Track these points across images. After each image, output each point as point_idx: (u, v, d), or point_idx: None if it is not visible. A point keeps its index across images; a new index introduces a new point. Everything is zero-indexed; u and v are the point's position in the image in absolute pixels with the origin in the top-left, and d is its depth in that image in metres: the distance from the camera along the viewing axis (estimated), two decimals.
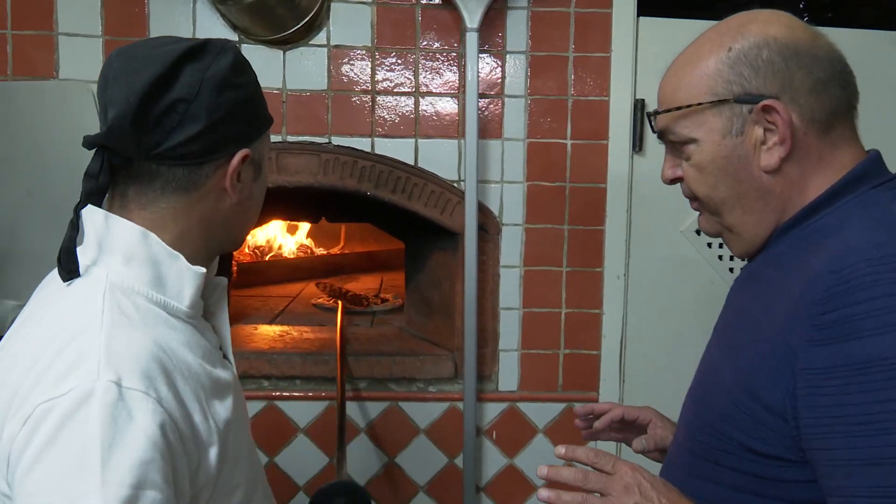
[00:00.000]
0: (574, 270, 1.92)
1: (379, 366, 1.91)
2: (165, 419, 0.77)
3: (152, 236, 0.87)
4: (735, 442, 0.84)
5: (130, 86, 0.82)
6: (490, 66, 1.87)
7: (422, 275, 2.15)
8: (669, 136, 0.94)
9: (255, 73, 0.96)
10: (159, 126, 0.84)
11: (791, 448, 0.79)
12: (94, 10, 1.78)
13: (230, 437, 0.89)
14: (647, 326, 1.92)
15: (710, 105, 0.88)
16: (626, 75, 1.86)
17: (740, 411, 0.83)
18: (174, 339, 0.85)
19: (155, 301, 0.86)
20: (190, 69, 0.85)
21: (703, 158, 0.90)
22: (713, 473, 0.88)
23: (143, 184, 0.88)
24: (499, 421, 1.94)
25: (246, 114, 0.91)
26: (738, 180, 0.89)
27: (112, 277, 0.84)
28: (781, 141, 0.85)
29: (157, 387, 0.78)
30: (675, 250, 1.92)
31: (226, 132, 0.88)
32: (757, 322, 0.85)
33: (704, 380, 0.95)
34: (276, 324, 2.29)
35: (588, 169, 1.89)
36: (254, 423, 1.89)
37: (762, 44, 0.86)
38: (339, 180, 1.86)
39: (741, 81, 0.86)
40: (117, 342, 0.79)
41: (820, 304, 0.75)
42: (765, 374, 0.80)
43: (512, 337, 1.93)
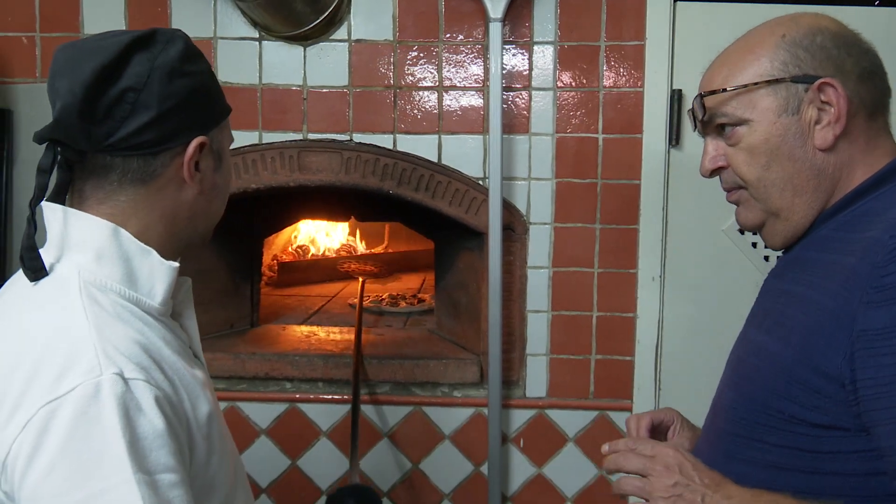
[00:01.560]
0: (606, 272, 1.82)
1: (402, 369, 1.86)
2: (165, 403, 0.79)
3: (123, 232, 0.86)
4: (785, 415, 0.84)
5: (75, 77, 0.80)
6: (517, 57, 1.79)
7: (450, 275, 2.08)
8: (720, 119, 0.94)
9: (207, 62, 0.94)
10: (109, 116, 0.82)
11: (847, 415, 0.78)
12: (118, 11, 1.79)
13: (213, 432, 0.89)
14: (685, 332, 1.81)
15: (766, 84, 0.90)
16: (662, 64, 1.75)
17: (793, 382, 0.82)
18: (152, 334, 0.85)
19: (128, 298, 0.85)
20: (139, 58, 0.84)
21: (756, 139, 0.91)
22: (756, 454, 0.87)
23: (99, 177, 0.86)
24: (527, 428, 1.86)
25: (199, 102, 0.89)
26: (792, 159, 0.90)
27: (84, 275, 0.83)
28: (836, 119, 0.87)
29: (152, 374, 0.80)
30: (716, 250, 1.79)
31: (179, 120, 0.86)
32: (807, 299, 0.85)
33: (746, 362, 0.94)
34: (308, 324, 2.27)
35: (621, 164, 1.79)
36: (276, 426, 1.87)
37: (815, 31, 0.89)
38: (360, 178, 1.82)
39: (797, 62, 0.89)
40: (107, 335, 0.79)
41: (881, 267, 0.76)
42: (821, 343, 0.80)
43: (540, 341, 1.84)
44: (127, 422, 0.74)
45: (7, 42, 1.81)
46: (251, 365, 1.88)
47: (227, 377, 1.87)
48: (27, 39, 1.81)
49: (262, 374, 1.87)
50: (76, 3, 1.79)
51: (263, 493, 1.90)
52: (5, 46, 1.81)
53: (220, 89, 0.96)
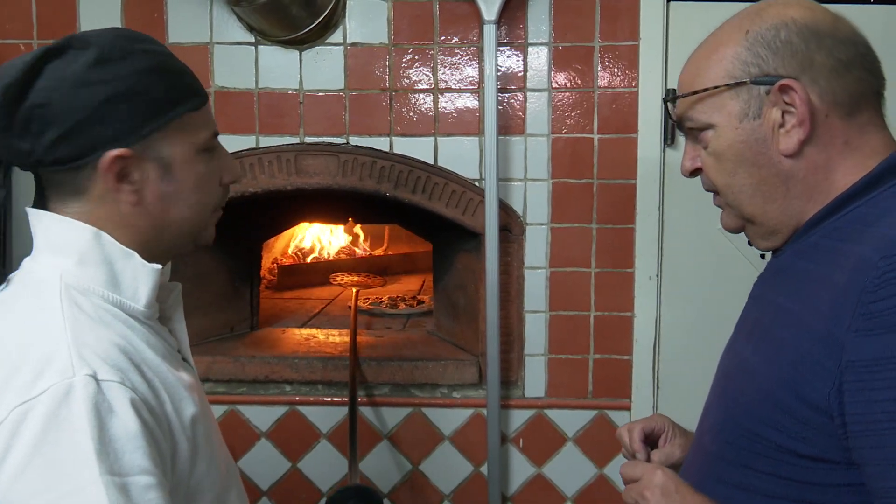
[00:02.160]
0: (603, 271, 1.83)
1: (401, 371, 1.87)
2: (142, 406, 0.78)
3: (105, 236, 0.85)
4: (772, 444, 0.79)
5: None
6: (512, 59, 1.79)
7: (448, 277, 2.09)
8: (688, 123, 0.90)
9: (135, 63, 0.84)
10: (27, 132, 0.81)
11: (835, 448, 0.73)
12: (114, 17, 1.80)
13: (199, 435, 0.88)
14: (683, 330, 1.81)
15: (728, 88, 0.85)
16: (656, 64, 1.76)
17: (779, 410, 0.77)
18: (135, 337, 0.85)
19: (111, 301, 0.85)
20: (49, 70, 0.81)
21: (720, 145, 0.86)
22: (743, 479, 0.83)
23: (54, 189, 0.87)
24: (526, 428, 1.87)
25: (117, 111, 0.82)
26: (757, 166, 0.85)
27: (66, 278, 0.83)
28: (800, 123, 0.81)
29: (129, 376, 0.79)
30: (712, 249, 1.80)
31: (93, 133, 0.82)
32: (794, 316, 0.80)
33: (733, 380, 0.89)
34: (308, 327, 2.28)
35: (617, 164, 1.80)
36: (276, 429, 1.88)
37: (780, 25, 0.83)
38: (358, 181, 1.83)
39: (758, 63, 0.83)
40: (84, 337, 0.79)
41: (871, 292, 0.70)
42: (807, 370, 0.74)
43: (538, 341, 1.85)
44: (98, 422, 0.74)
45: (5, 49, 1.82)
46: (251, 368, 1.89)
47: (227, 380, 1.88)
48: (24, 46, 1.82)
49: (261, 377, 1.88)
50: (73, 10, 1.80)
51: (264, 496, 1.90)
52: (3, 53, 1.82)
53: (165, 88, 0.86)
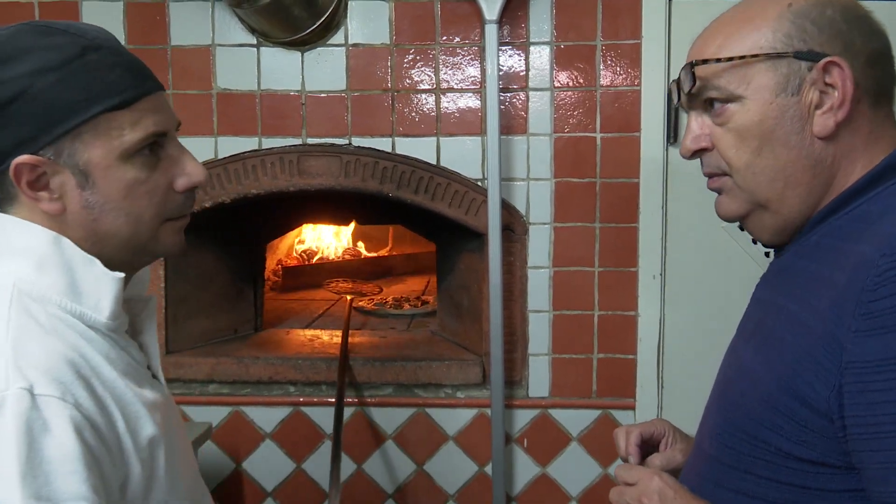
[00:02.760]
0: (607, 270, 1.82)
1: (405, 371, 1.87)
2: (85, 425, 0.72)
3: (65, 240, 0.79)
4: (771, 448, 0.77)
5: None
6: (513, 58, 1.79)
7: (452, 277, 2.09)
8: (710, 93, 0.83)
9: (47, 57, 0.76)
10: None
11: (836, 452, 0.72)
12: (117, 19, 1.80)
13: (157, 458, 0.82)
14: (687, 329, 1.81)
15: (766, 59, 0.79)
16: (659, 62, 1.75)
17: (779, 413, 0.75)
18: (90, 350, 0.78)
19: (70, 311, 0.79)
20: None
21: (747, 119, 0.81)
22: (743, 483, 0.80)
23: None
24: (530, 428, 1.86)
25: (20, 114, 0.76)
26: (787, 146, 0.80)
27: (21, 285, 0.77)
28: (840, 104, 0.77)
29: (73, 391, 0.72)
30: (716, 247, 1.79)
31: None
32: (794, 317, 0.78)
33: (733, 383, 0.87)
34: (312, 328, 2.28)
35: (619, 163, 1.79)
36: (280, 430, 1.88)
37: (825, 3, 0.79)
38: (360, 182, 1.83)
39: (803, 37, 0.78)
40: (27, 348, 0.73)
41: (871, 291, 0.68)
42: (807, 371, 0.72)
43: (542, 341, 1.84)
44: (28, 441, 0.68)
45: None
46: (255, 369, 1.89)
47: (231, 381, 1.89)
48: None
49: (266, 378, 1.88)
50: (75, 13, 1.81)
51: (269, 496, 1.91)
52: None
53: (64, 92, 0.77)
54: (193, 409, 1.88)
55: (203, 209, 1.82)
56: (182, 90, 1.80)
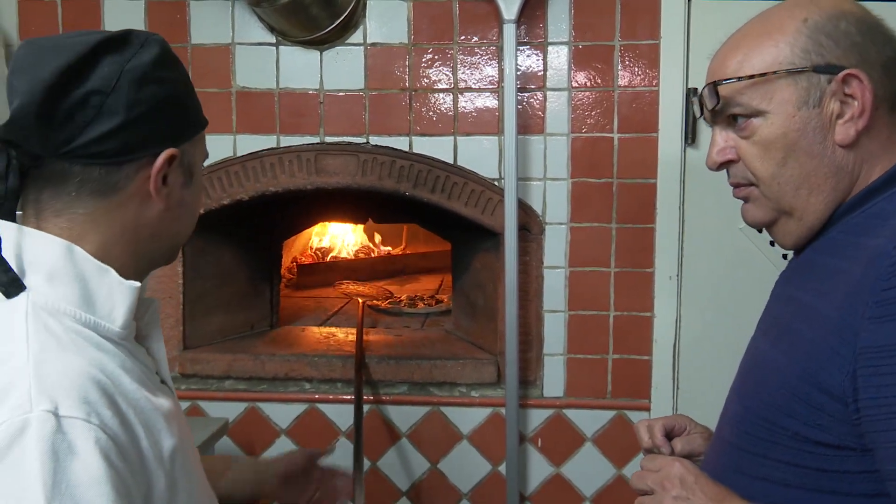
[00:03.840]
0: (623, 271, 1.82)
1: (420, 370, 1.87)
2: (110, 447, 0.70)
3: (78, 250, 0.78)
4: (789, 432, 0.80)
5: (36, 76, 0.74)
6: (531, 58, 1.79)
7: (467, 276, 2.09)
8: (733, 109, 0.86)
9: (184, 70, 0.86)
10: (70, 120, 0.76)
11: (850, 435, 0.75)
12: (138, 18, 1.83)
13: (177, 468, 0.81)
14: (703, 330, 1.80)
15: (786, 74, 0.83)
16: (677, 63, 1.75)
17: (796, 399, 0.79)
18: (109, 363, 0.77)
19: (84, 322, 0.77)
20: (108, 60, 0.77)
21: (771, 132, 0.84)
22: (762, 469, 0.84)
23: (56, 186, 0.79)
24: (544, 428, 1.86)
25: (172, 111, 0.83)
26: (810, 155, 0.83)
27: (34, 298, 0.75)
28: (860, 113, 0.81)
29: (98, 411, 0.71)
30: (733, 249, 1.79)
31: (148, 130, 0.80)
32: (812, 308, 0.81)
33: (752, 373, 0.91)
34: (327, 326, 2.29)
35: (636, 164, 1.79)
36: (295, 426, 1.89)
37: (839, 15, 0.83)
38: (377, 181, 1.83)
39: (820, 50, 0.82)
40: (49, 367, 0.71)
41: (884, 280, 0.72)
42: (823, 358, 0.76)
43: (557, 341, 1.85)
44: (54, 465, 0.66)
45: None
46: (271, 366, 1.90)
47: (247, 378, 1.90)
48: None
49: (281, 375, 1.89)
50: (97, 11, 1.83)
51: None
52: None
53: (196, 100, 0.88)
54: (210, 405, 1.89)
55: (221, 206, 1.83)
56: (202, 88, 1.81)
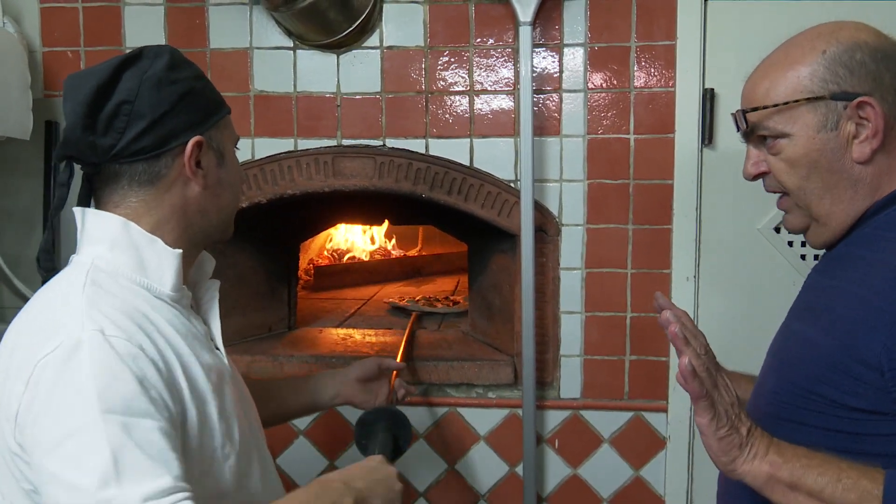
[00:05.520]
0: (639, 272, 1.82)
1: (437, 371, 1.88)
2: (148, 362, 0.85)
3: (132, 224, 0.95)
4: (826, 400, 0.89)
5: (76, 98, 0.92)
6: (547, 60, 1.80)
7: (483, 277, 2.10)
8: (761, 132, 0.99)
9: (196, 67, 1.02)
10: (110, 128, 0.92)
11: (886, 401, 0.84)
12: (158, 24, 1.85)
13: (211, 408, 0.94)
14: (720, 331, 1.79)
15: (807, 102, 0.95)
16: (694, 64, 1.74)
17: (836, 370, 0.88)
18: (153, 312, 0.92)
19: (139, 283, 0.94)
20: (129, 74, 0.93)
21: (795, 152, 0.96)
22: (799, 436, 0.90)
23: (112, 184, 0.96)
24: (561, 429, 1.87)
25: (190, 105, 0.97)
26: (831, 171, 0.95)
27: (97, 263, 0.93)
28: (874, 134, 0.93)
29: (138, 338, 0.86)
30: (751, 250, 1.78)
31: (173, 124, 0.95)
32: (848, 292, 0.91)
33: (788, 351, 1.00)
34: (345, 327, 2.31)
35: (653, 165, 1.79)
36: (314, 427, 1.91)
37: (854, 47, 0.94)
38: (394, 183, 1.85)
39: (837, 80, 0.93)
40: (97, 304, 0.87)
41: None
42: (864, 335, 0.85)
43: (574, 342, 1.85)
44: (103, 368, 0.81)
45: (53, 56, 1.88)
46: (289, 367, 1.92)
47: (266, 379, 1.91)
48: (72, 53, 1.88)
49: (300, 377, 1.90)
50: (118, 17, 1.85)
51: None
52: (52, 60, 1.88)
53: (213, 92, 1.04)
54: None
55: (240, 209, 1.84)
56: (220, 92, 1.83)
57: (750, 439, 0.85)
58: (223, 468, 0.95)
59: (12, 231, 1.93)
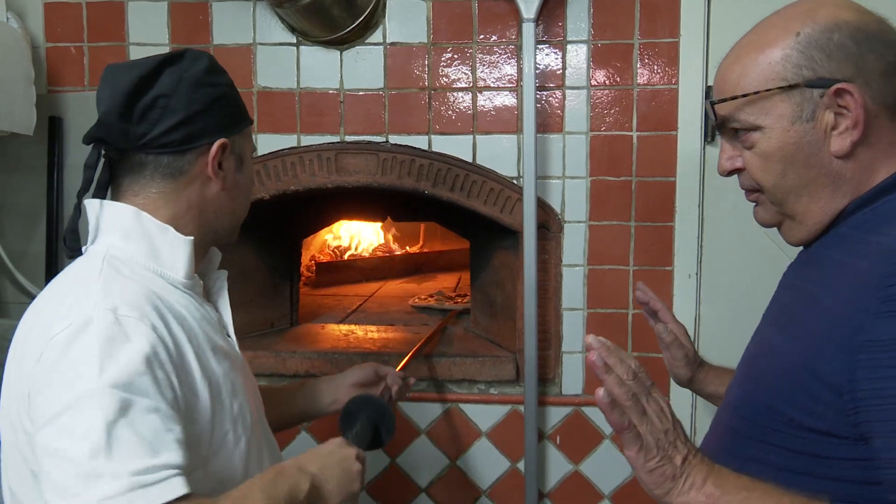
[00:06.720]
0: (642, 269, 1.82)
1: (439, 367, 1.88)
2: (158, 342, 0.87)
3: (144, 214, 0.98)
4: (785, 418, 0.82)
5: (117, 86, 0.96)
6: (550, 57, 1.80)
7: (485, 274, 2.10)
8: (732, 125, 0.91)
9: (230, 78, 1.07)
10: (144, 118, 0.96)
11: (842, 424, 0.77)
12: (161, 20, 1.85)
13: (223, 391, 0.96)
14: (722, 329, 1.80)
15: (780, 91, 0.85)
16: (697, 61, 1.74)
17: (796, 387, 0.81)
18: (168, 297, 0.95)
19: (153, 271, 0.97)
20: (169, 71, 0.98)
21: (769, 146, 0.88)
22: (758, 452, 0.86)
23: (135, 173, 0.99)
24: (563, 425, 1.87)
25: (222, 109, 1.03)
26: (807, 167, 0.86)
27: (112, 251, 0.96)
28: (854, 125, 0.83)
29: (151, 318, 0.88)
30: (753, 247, 1.78)
31: (203, 123, 1.00)
32: (817, 301, 0.84)
33: (755, 360, 0.94)
34: (347, 323, 2.31)
35: (656, 162, 1.79)
36: (316, 422, 1.91)
37: (833, 27, 0.84)
38: (397, 179, 1.85)
39: (812, 66, 0.84)
40: (112, 287, 0.90)
41: (888, 276, 0.74)
42: (825, 349, 0.78)
43: (576, 339, 1.85)
44: (109, 344, 0.82)
45: (57, 52, 1.88)
46: (292, 363, 1.92)
47: (268, 375, 1.92)
48: (76, 49, 1.88)
49: (302, 372, 1.91)
50: (122, 13, 1.85)
51: None
52: (55, 56, 1.88)
53: (241, 102, 1.09)
54: None
55: None
56: None
57: (685, 469, 0.78)
58: (233, 453, 0.98)
59: (16, 226, 1.93)
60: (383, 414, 1.32)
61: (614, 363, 0.78)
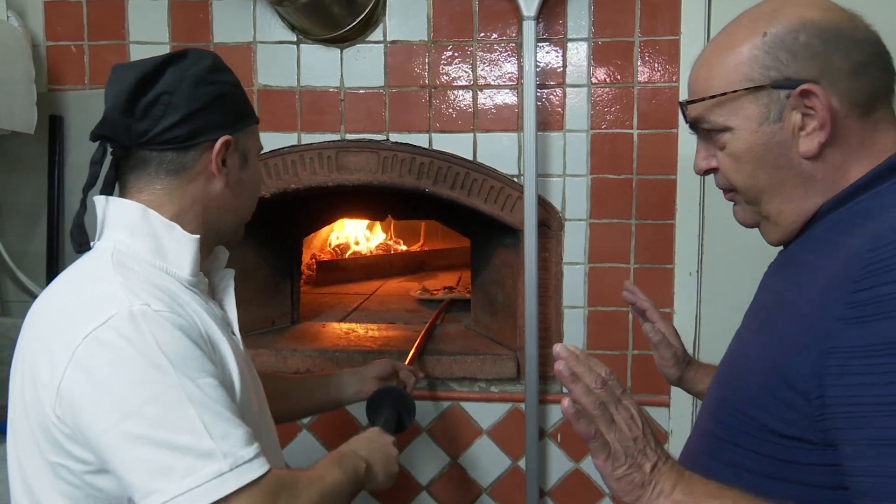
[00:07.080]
0: (642, 267, 1.82)
1: (440, 365, 1.88)
2: (193, 330, 0.92)
3: (151, 212, 0.99)
4: (757, 423, 0.83)
5: (121, 84, 0.97)
6: (551, 55, 1.80)
7: (486, 272, 2.10)
8: (703, 125, 0.91)
9: (234, 76, 1.07)
10: (147, 115, 0.97)
11: (812, 429, 0.77)
12: (161, 19, 1.85)
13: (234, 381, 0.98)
14: (723, 327, 1.78)
15: (746, 92, 0.85)
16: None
17: (765, 391, 0.81)
18: (179, 294, 0.97)
19: (159, 268, 0.99)
20: (172, 69, 1.00)
21: (739, 147, 0.88)
22: (734, 456, 0.87)
23: (139, 169, 1.01)
24: (564, 423, 1.87)
25: (224, 106, 1.03)
26: (777, 168, 0.86)
27: (119, 247, 0.97)
28: (821, 126, 0.83)
29: (177, 311, 0.92)
30: (753, 244, 1.74)
31: (206, 120, 1.01)
32: (790, 303, 0.84)
33: (732, 363, 0.94)
34: (347, 321, 2.31)
35: (656, 159, 1.79)
36: (317, 421, 1.91)
37: (798, 27, 0.83)
38: (397, 177, 1.85)
39: (778, 66, 0.84)
40: (130, 283, 0.92)
41: (855, 282, 0.73)
42: (793, 354, 0.78)
43: (577, 337, 1.85)
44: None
45: (57, 51, 1.88)
46: (293, 361, 1.92)
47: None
48: (76, 48, 1.88)
49: (303, 370, 1.91)
50: (122, 11, 1.85)
51: None
52: (56, 55, 1.88)
53: (246, 100, 1.09)
54: None
55: None
56: None
57: (654, 476, 0.78)
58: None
59: (17, 225, 1.93)
60: (405, 402, 1.48)
61: (583, 372, 0.79)
